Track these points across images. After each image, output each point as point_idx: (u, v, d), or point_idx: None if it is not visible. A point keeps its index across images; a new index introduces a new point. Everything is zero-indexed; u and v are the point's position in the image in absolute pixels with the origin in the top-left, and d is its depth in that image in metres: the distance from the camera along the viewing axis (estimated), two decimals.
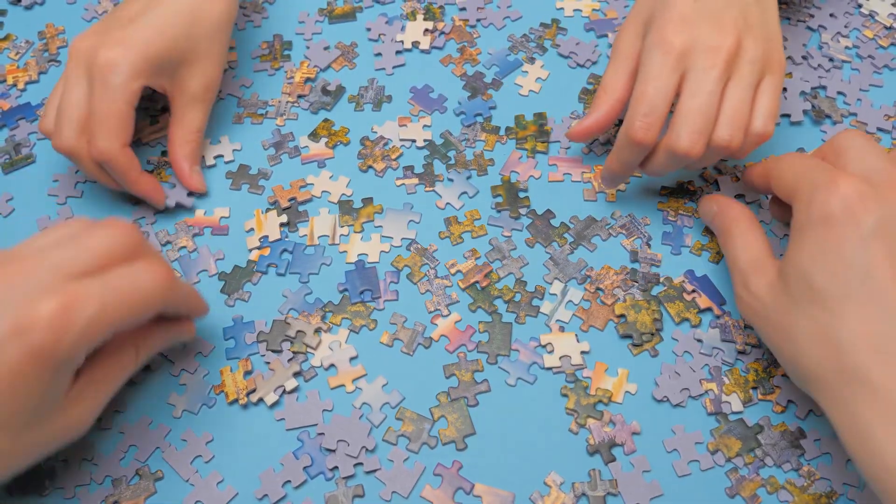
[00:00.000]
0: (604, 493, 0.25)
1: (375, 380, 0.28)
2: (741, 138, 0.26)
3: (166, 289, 0.22)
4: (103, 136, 0.27)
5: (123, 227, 0.22)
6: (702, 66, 0.25)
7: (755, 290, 0.24)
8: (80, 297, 0.19)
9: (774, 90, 0.26)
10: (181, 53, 0.29)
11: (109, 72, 0.27)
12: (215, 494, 0.25)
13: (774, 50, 0.26)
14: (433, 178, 0.32)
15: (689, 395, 0.27)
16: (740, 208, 0.26)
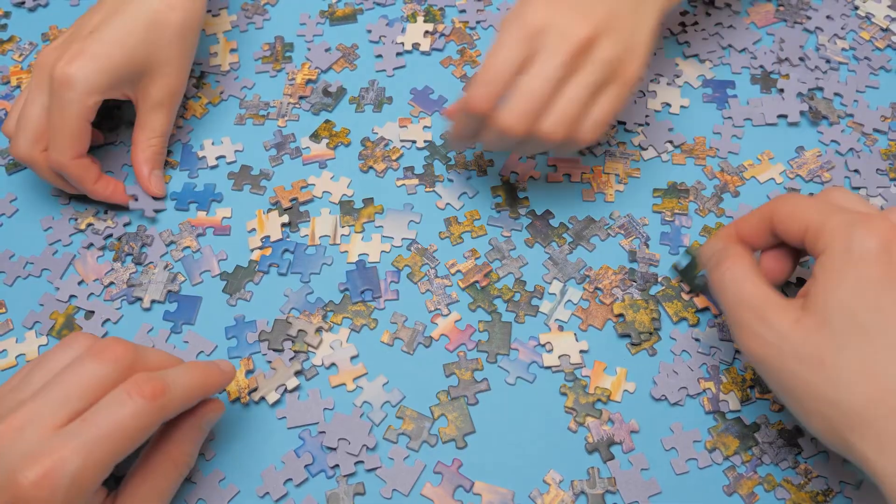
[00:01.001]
0: (602, 490, 0.26)
1: (376, 378, 0.28)
2: (563, 134, 0.25)
3: (153, 410, 0.21)
4: (57, 149, 0.28)
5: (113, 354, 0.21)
6: (550, 49, 0.24)
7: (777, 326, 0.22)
8: (59, 458, 0.19)
9: (614, 99, 0.25)
10: (141, 63, 0.29)
11: (65, 88, 0.27)
12: (217, 492, 0.26)
13: (631, 61, 0.25)
14: (433, 179, 0.32)
15: (687, 394, 0.27)
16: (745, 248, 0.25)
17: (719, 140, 0.33)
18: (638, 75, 0.26)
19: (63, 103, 0.27)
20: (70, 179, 0.29)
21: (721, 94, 0.34)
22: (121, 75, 0.28)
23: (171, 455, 0.23)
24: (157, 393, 0.21)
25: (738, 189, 0.32)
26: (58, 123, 0.28)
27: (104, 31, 0.28)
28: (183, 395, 0.22)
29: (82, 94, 0.27)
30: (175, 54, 0.30)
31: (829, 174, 0.32)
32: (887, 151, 0.32)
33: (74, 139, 0.28)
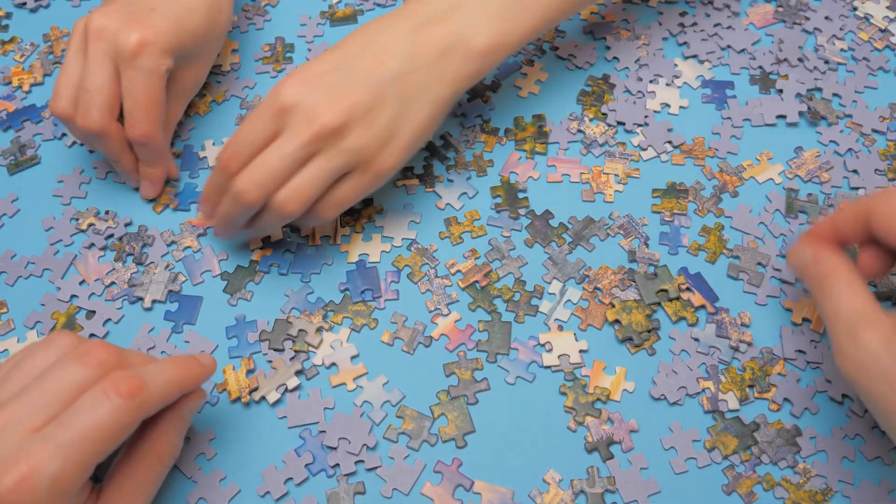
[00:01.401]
0: (602, 490, 0.26)
1: (376, 378, 0.28)
2: (300, 210, 0.25)
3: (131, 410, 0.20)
4: (145, 119, 0.27)
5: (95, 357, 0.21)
6: (293, 129, 0.25)
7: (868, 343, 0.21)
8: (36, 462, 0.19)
9: (355, 187, 0.26)
10: (193, 48, 0.29)
11: (142, 55, 0.27)
12: (218, 491, 0.26)
13: (385, 154, 0.26)
14: (433, 179, 0.32)
15: (686, 394, 0.27)
16: (838, 256, 0.23)
17: (718, 140, 0.33)
18: (390, 169, 0.26)
19: (143, 72, 0.27)
20: (152, 152, 0.29)
21: (720, 94, 0.34)
22: (183, 51, 0.28)
23: (155, 449, 0.23)
24: (135, 391, 0.20)
25: (737, 189, 0.32)
26: (142, 93, 0.27)
27: (168, 10, 0.28)
28: (161, 391, 0.22)
29: (159, 62, 0.27)
30: (213, 50, 0.31)
31: (828, 174, 0.32)
32: (886, 152, 0.33)
33: (161, 107, 0.28)
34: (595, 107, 0.34)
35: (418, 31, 0.26)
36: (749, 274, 0.30)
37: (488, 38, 0.26)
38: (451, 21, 0.26)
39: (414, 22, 0.26)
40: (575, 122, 0.34)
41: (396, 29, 0.26)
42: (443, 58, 0.26)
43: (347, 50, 0.26)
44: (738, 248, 0.30)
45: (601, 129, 0.33)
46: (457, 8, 0.26)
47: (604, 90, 0.34)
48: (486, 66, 0.27)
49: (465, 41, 0.26)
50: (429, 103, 0.26)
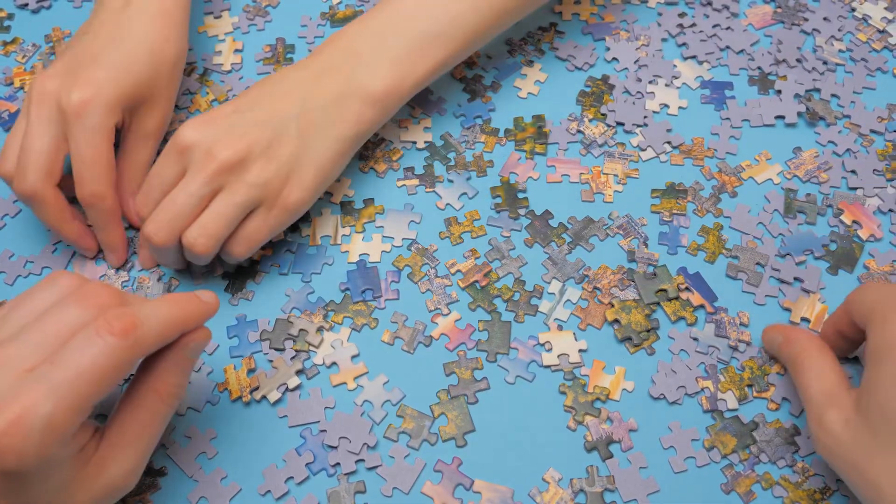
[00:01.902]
0: (601, 489, 0.26)
1: (377, 377, 0.28)
2: (210, 247, 0.26)
3: (126, 347, 0.19)
4: (93, 179, 0.27)
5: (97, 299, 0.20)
6: (195, 166, 0.26)
7: (830, 426, 0.22)
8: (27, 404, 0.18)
9: (263, 222, 0.26)
10: (144, 92, 0.29)
11: (85, 114, 0.26)
12: (219, 490, 0.26)
13: (290, 188, 0.26)
14: (433, 180, 0.32)
15: (685, 393, 0.27)
16: (808, 336, 0.25)
17: (717, 141, 0.33)
18: (296, 203, 0.27)
19: (88, 131, 0.26)
20: (101, 213, 0.28)
21: (719, 95, 0.34)
22: (129, 101, 0.28)
23: (156, 388, 0.22)
24: (128, 329, 0.20)
25: (735, 189, 0.32)
26: (88, 153, 0.26)
27: (109, 58, 0.27)
28: (158, 329, 0.21)
29: (104, 119, 0.27)
30: (170, 87, 0.30)
31: (827, 175, 0.32)
32: (884, 152, 0.33)
33: (109, 165, 0.27)
34: (594, 107, 0.34)
35: (316, 79, 0.27)
36: (748, 274, 0.30)
37: (382, 84, 0.27)
38: (347, 69, 0.27)
39: (312, 71, 0.28)
40: (574, 123, 0.34)
41: (295, 77, 0.28)
42: (340, 100, 0.27)
43: (248, 97, 0.28)
44: (736, 248, 0.30)
45: (600, 129, 0.34)
46: (354, 57, 0.28)
47: (603, 91, 0.34)
48: (384, 109, 0.28)
49: (361, 86, 0.27)
50: (330, 141, 0.27)
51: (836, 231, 0.31)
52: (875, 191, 0.32)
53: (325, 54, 0.28)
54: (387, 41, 0.28)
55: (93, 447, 0.21)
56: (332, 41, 0.29)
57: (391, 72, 0.27)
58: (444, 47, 0.28)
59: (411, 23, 0.28)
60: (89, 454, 0.21)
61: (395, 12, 0.28)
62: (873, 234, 0.31)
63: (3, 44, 0.37)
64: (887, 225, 0.31)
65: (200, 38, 0.36)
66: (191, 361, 0.23)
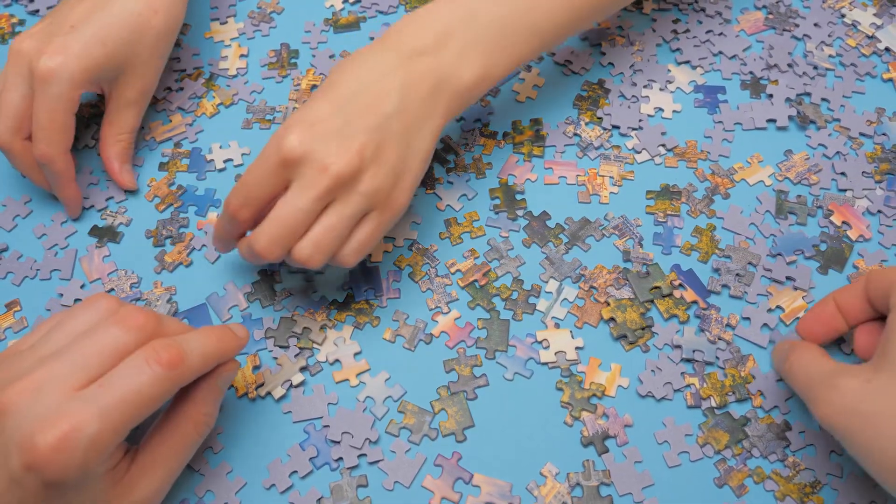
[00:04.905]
0: (597, 482, 0.26)
1: (378, 374, 0.29)
2: (321, 260, 0.25)
3: (170, 379, 0.21)
4: (47, 141, 0.28)
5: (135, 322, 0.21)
6: (304, 180, 0.24)
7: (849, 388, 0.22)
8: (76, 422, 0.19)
9: (375, 226, 0.25)
10: (121, 62, 0.29)
11: (50, 81, 0.27)
12: (225, 484, 0.26)
13: (398, 190, 0.25)
14: (434, 181, 0.33)
15: (674, 389, 0.28)
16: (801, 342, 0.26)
17: (710, 144, 0.34)
18: (404, 204, 0.26)
19: (48, 97, 0.27)
20: (51, 174, 0.29)
21: (712, 99, 0.35)
22: (101, 72, 0.28)
23: (191, 415, 0.23)
24: (175, 361, 0.21)
25: (728, 191, 0.33)
26: (45, 117, 0.28)
27: (86, 28, 0.28)
28: (200, 361, 0.22)
29: (67, 89, 0.27)
30: (153, 57, 0.30)
31: (817, 177, 0.33)
32: (873, 155, 0.33)
33: (64, 132, 0.28)
34: (591, 111, 0.35)
35: (407, 65, 0.26)
36: (740, 273, 0.31)
37: (473, 73, 0.26)
38: (438, 56, 0.26)
39: (404, 53, 0.26)
40: (571, 126, 0.34)
41: (386, 62, 0.26)
42: (434, 93, 0.26)
43: (342, 90, 0.25)
44: (729, 248, 0.31)
45: (597, 132, 0.34)
46: (442, 42, 0.26)
47: (599, 95, 0.35)
48: (472, 98, 0.27)
49: (453, 76, 0.26)
50: (427, 136, 0.26)
51: (826, 232, 0.31)
52: (864, 192, 0.32)
53: (414, 32, 0.26)
54: (479, 26, 0.26)
55: (124, 467, 0.22)
56: (420, 16, 0.26)
57: (480, 61, 0.26)
58: (532, 38, 0.27)
59: (502, 8, 0.26)
60: (121, 473, 0.22)
61: None
62: (862, 234, 0.31)
63: None
64: (876, 226, 0.32)
65: (207, 43, 0.37)
66: (221, 391, 0.24)
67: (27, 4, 0.39)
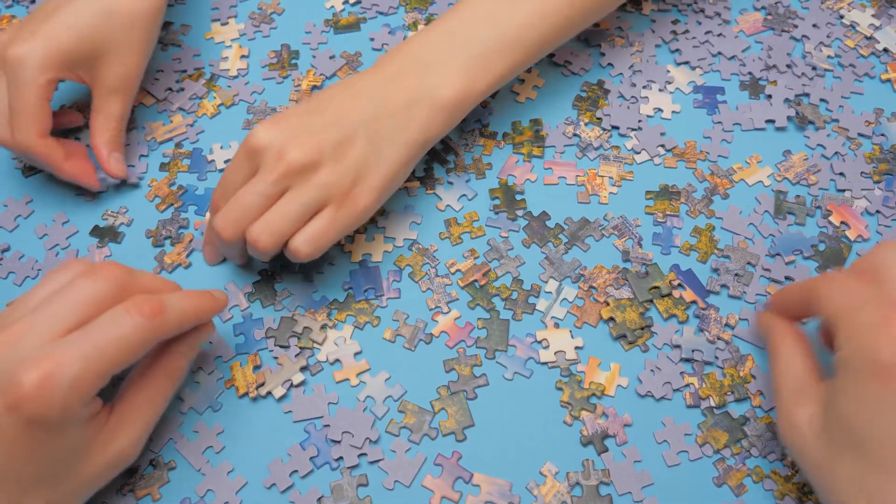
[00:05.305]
0: (597, 482, 0.26)
1: (379, 374, 0.29)
2: (272, 244, 0.26)
3: (151, 329, 0.22)
4: (20, 129, 0.28)
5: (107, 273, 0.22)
6: (264, 167, 0.26)
7: (796, 421, 0.22)
8: (59, 361, 0.20)
9: (329, 221, 0.26)
10: (93, 47, 0.29)
11: (18, 66, 0.28)
12: (226, 483, 0.26)
13: (359, 191, 0.26)
14: (434, 182, 0.33)
15: (674, 389, 0.28)
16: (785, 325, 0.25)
17: (709, 144, 0.34)
18: (364, 207, 0.27)
19: (18, 82, 0.28)
20: (37, 161, 0.30)
21: (711, 99, 0.35)
22: (71, 57, 0.29)
23: (167, 369, 0.24)
24: (156, 312, 0.22)
25: (727, 191, 0.33)
26: (16, 103, 0.28)
27: (56, 16, 0.28)
28: (178, 317, 0.23)
29: (34, 73, 0.28)
30: (127, 42, 0.30)
31: (816, 177, 0.33)
32: (871, 155, 0.34)
33: (34, 118, 0.28)
34: (590, 111, 0.35)
35: (386, 85, 0.27)
36: (739, 273, 0.31)
37: (454, 91, 0.27)
38: (417, 76, 0.27)
39: (382, 77, 0.28)
40: (571, 127, 0.35)
41: (365, 84, 0.28)
42: (412, 106, 0.27)
43: (318, 100, 0.28)
44: (728, 248, 0.31)
45: (596, 133, 0.34)
46: (423, 65, 0.28)
47: (599, 95, 0.35)
48: (452, 117, 0.28)
49: (432, 93, 0.27)
50: (399, 146, 0.27)
51: (824, 232, 0.32)
52: (862, 192, 0.33)
53: (396, 62, 0.28)
54: (456, 49, 0.28)
55: (104, 418, 0.23)
56: (402, 49, 0.29)
57: (460, 80, 0.27)
58: (511, 56, 0.28)
59: (480, 31, 0.28)
60: (101, 423, 0.23)
61: (463, 20, 0.28)
62: (861, 234, 0.32)
63: None
64: (874, 226, 0.32)
65: (207, 44, 0.37)
66: (194, 351, 0.26)
67: (28, 5, 0.39)
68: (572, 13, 0.30)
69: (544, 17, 0.29)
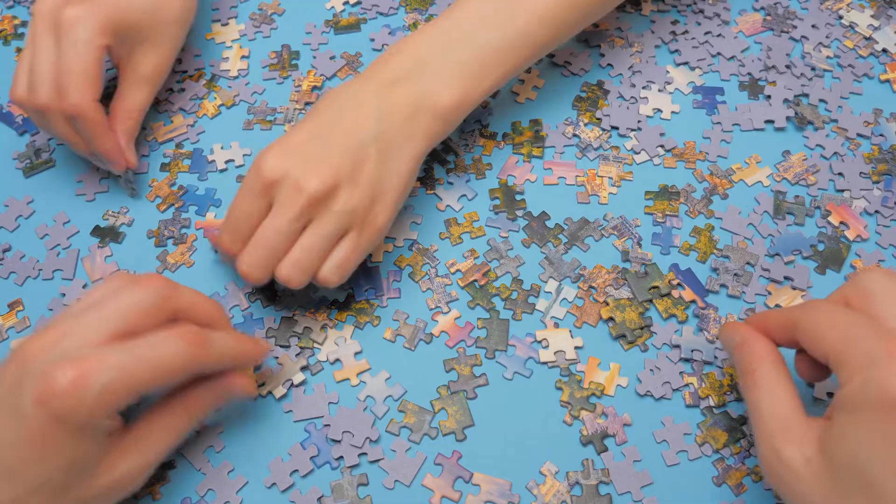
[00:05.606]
0: (596, 481, 0.26)
1: (379, 373, 0.29)
2: (303, 281, 0.26)
3: (191, 357, 0.22)
4: (76, 90, 0.28)
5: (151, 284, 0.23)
6: (282, 201, 0.25)
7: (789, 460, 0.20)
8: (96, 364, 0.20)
9: (354, 247, 0.26)
10: (141, 28, 0.29)
11: (76, 27, 0.27)
12: (226, 483, 0.26)
13: (376, 211, 0.26)
14: (434, 182, 0.33)
15: (672, 389, 0.28)
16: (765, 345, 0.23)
17: (709, 144, 0.34)
18: (383, 224, 0.27)
19: (76, 43, 0.27)
20: (84, 126, 0.28)
21: (710, 100, 0.35)
22: (123, 29, 0.29)
23: (188, 405, 0.24)
24: (199, 343, 0.22)
25: (726, 192, 0.33)
26: (72, 64, 0.27)
27: None
28: (220, 353, 0.23)
29: (93, 34, 0.27)
30: (169, 34, 0.31)
31: (815, 177, 0.33)
32: (870, 155, 0.34)
33: (91, 79, 0.28)
34: (590, 112, 0.35)
35: (386, 92, 0.27)
36: (738, 273, 0.31)
37: (451, 97, 0.27)
38: (416, 81, 0.27)
39: (382, 81, 0.27)
40: (570, 127, 0.35)
41: (365, 91, 0.27)
42: (413, 116, 0.27)
43: (322, 118, 0.27)
44: (727, 248, 0.31)
45: (596, 133, 0.34)
46: (421, 69, 0.27)
47: (598, 96, 0.35)
48: (451, 122, 0.28)
49: (431, 100, 0.27)
50: (406, 158, 0.27)
51: (823, 232, 0.32)
52: (861, 193, 0.33)
53: (394, 63, 0.28)
54: (455, 52, 0.27)
55: (118, 438, 0.23)
56: (400, 49, 0.28)
57: (459, 85, 0.27)
58: (510, 59, 0.28)
59: (479, 34, 0.28)
60: (115, 442, 0.22)
61: (461, 22, 0.28)
62: (860, 234, 0.32)
63: (17, 50, 0.38)
64: (873, 226, 0.32)
65: (208, 44, 0.37)
66: (222, 401, 0.25)
67: (29, 6, 0.39)
68: (571, 16, 0.29)
69: (543, 21, 0.29)
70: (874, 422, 0.18)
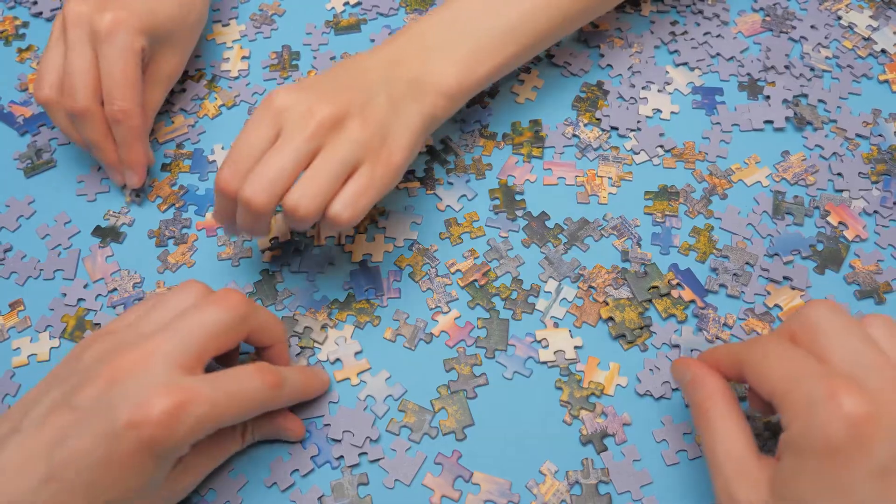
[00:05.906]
0: (596, 480, 0.26)
1: (379, 373, 0.29)
2: (314, 207, 0.24)
3: (268, 398, 0.23)
4: (120, 96, 0.28)
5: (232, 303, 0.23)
6: (292, 125, 0.24)
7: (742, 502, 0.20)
8: (191, 397, 0.21)
9: (367, 181, 0.24)
10: (169, 31, 0.30)
11: (116, 33, 0.28)
12: (227, 482, 0.27)
13: (390, 148, 0.25)
14: (434, 182, 0.33)
15: (672, 388, 0.28)
16: (716, 383, 0.22)
17: (708, 145, 0.34)
18: (399, 163, 0.25)
19: (117, 50, 0.28)
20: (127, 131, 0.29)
21: (710, 100, 0.35)
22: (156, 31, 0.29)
23: (246, 430, 0.25)
24: (276, 384, 0.23)
25: (725, 192, 0.33)
26: (116, 69, 0.28)
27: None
28: (290, 394, 0.25)
29: (133, 37, 0.28)
30: (189, 38, 0.32)
31: (814, 177, 0.33)
32: (869, 156, 0.34)
33: (135, 84, 0.29)
34: (589, 112, 0.35)
35: (391, 67, 0.27)
36: (737, 273, 0.31)
37: (455, 78, 0.27)
38: (419, 60, 0.28)
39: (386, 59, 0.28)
40: (570, 127, 0.35)
41: (371, 63, 0.28)
42: (419, 87, 0.27)
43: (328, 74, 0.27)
44: (727, 248, 0.31)
45: (595, 133, 0.35)
46: (425, 50, 0.28)
47: (598, 96, 0.36)
48: (455, 100, 0.28)
49: (433, 77, 0.27)
50: (416, 113, 0.27)
51: (822, 232, 0.32)
52: (860, 193, 0.33)
53: (398, 44, 0.28)
54: (458, 36, 0.28)
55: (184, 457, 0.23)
56: (405, 32, 0.28)
57: (460, 67, 0.27)
58: (512, 45, 0.28)
59: (482, 19, 0.28)
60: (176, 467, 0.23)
61: (466, 7, 0.28)
62: (859, 234, 0.32)
63: (18, 51, 0.38)
64: (872, 226, 0.32)
65: (209, 45, 0.38)
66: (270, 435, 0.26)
67: (31, 7, 0.39)
68: (572, 7, 0.30)
69: (546, 9, 0.29)
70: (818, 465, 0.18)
